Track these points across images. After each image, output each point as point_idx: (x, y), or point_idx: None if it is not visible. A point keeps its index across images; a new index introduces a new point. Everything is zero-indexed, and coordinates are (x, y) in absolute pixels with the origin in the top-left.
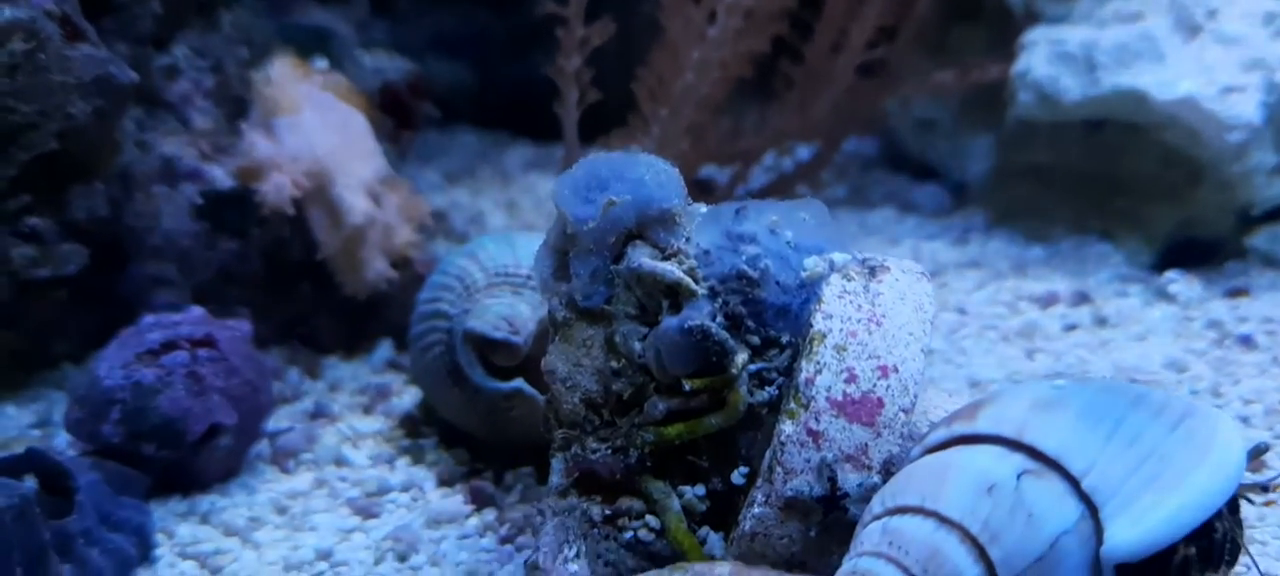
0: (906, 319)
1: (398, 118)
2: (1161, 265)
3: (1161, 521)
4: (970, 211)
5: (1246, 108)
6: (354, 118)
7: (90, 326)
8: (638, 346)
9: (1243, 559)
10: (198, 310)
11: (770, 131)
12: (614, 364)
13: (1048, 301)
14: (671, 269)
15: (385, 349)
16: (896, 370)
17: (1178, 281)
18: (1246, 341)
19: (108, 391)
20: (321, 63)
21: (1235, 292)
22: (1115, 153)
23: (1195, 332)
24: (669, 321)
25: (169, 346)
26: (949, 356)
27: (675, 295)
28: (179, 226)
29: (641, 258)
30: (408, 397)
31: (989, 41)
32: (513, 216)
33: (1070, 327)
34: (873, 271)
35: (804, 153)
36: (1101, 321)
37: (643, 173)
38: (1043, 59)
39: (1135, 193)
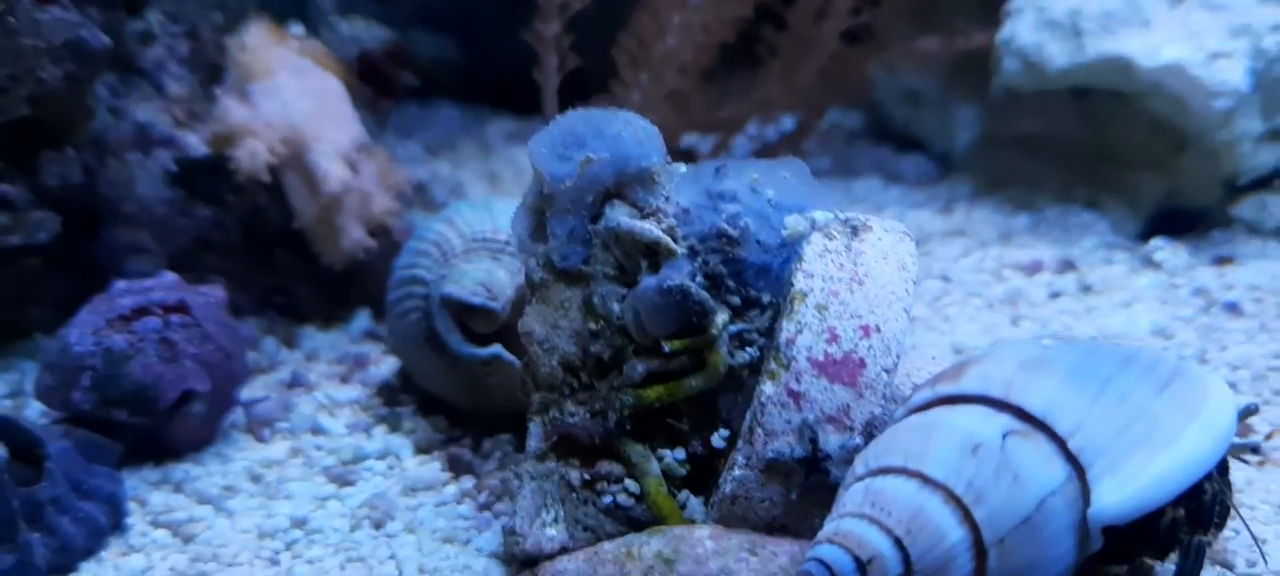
0: (889, 278)
1: (376, 86)
2: (1147, 234)
3: (1150, 483)
4: (956, 181)
5: (1233, 74)
6: (330, 84)
7: (63, 295)
8: (616, 307)
9: (1232, 521)
10: (170, 275)
11: (753, 99)
12: (592, 325)
13: (1032, 269)
14: (650, 228)
15: (363, 318)
16: (879, 330)
17: (1163, 249)
18: (1233, 308)
19: (78, 358)
20: (298, 28)
21: (1221, 260)
22: (1101, 122)
23: (1181, 299)
24: (648, 281)
25: (141, 312)
26: (933, 323)
27: (654, 255)
28: (153, 193)
29: (620, 217)
30: (386, 366)
31: (975, 7)
32: (494, 187)
33: (1055, 295)
34: (855, 230)
35: (787, 122)
36: (1086, 288)
37: (621, 130)
38: (1028, 26)
39: (1121, 162)
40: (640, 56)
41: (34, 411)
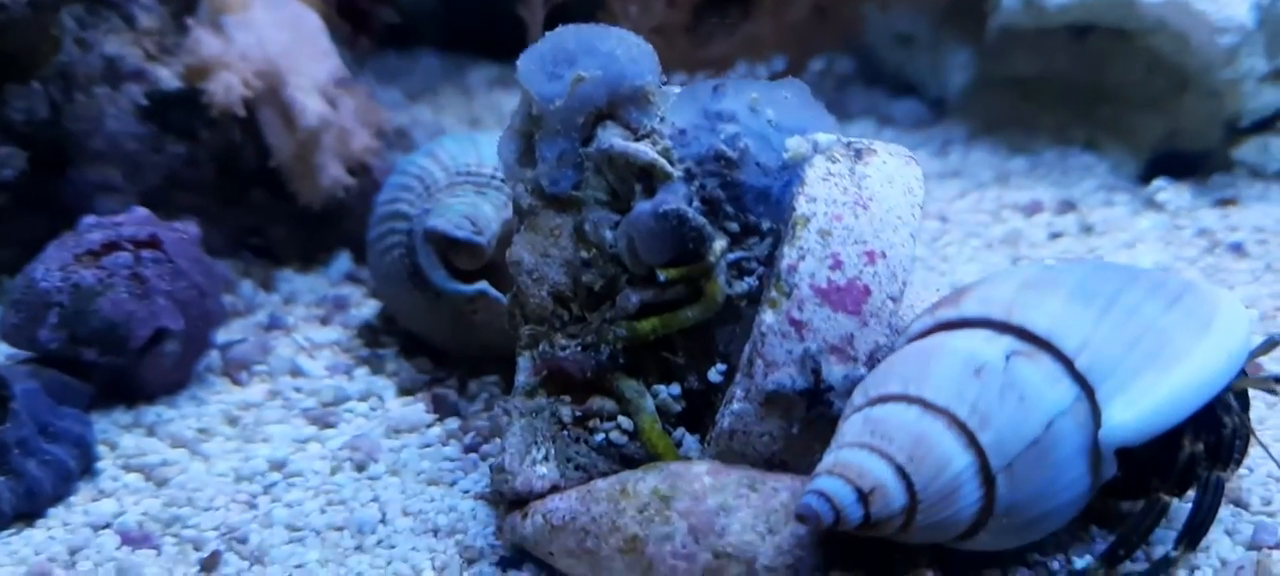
0: (895, 202)
1: (354, 22)
2: (1147, 176)
3: (1163, 400)
4: (950, 124)
5: (1238, 9)
6: (307, 16)
7: (31, 234)
8: (609, 235)
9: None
10: (142, 210)
11: (742, 37)
12: (584, 254)
13: (1032, 209)
14: (645, 150)
15: (343, 261)
16: (884, 255)
17: (1166, 189)
18: (1237, 249)
19: (44, 293)
20: None
21: (1224, 202)
22: (1100, 60)
23: (1185, 241)
24: (642, 206)
25: (110, 247)
26: (932, 264)
27: (649, 178)
28: (123, 129)
29: (613, 138)
30: (367, 308)
31: None
32: (477, 131)
33: (1056, 236)
34: (859, 154)
35: (777, 63)
36: (1088, 229)
37: (614, 47)
38: None
39: (1120, 102)
40: None
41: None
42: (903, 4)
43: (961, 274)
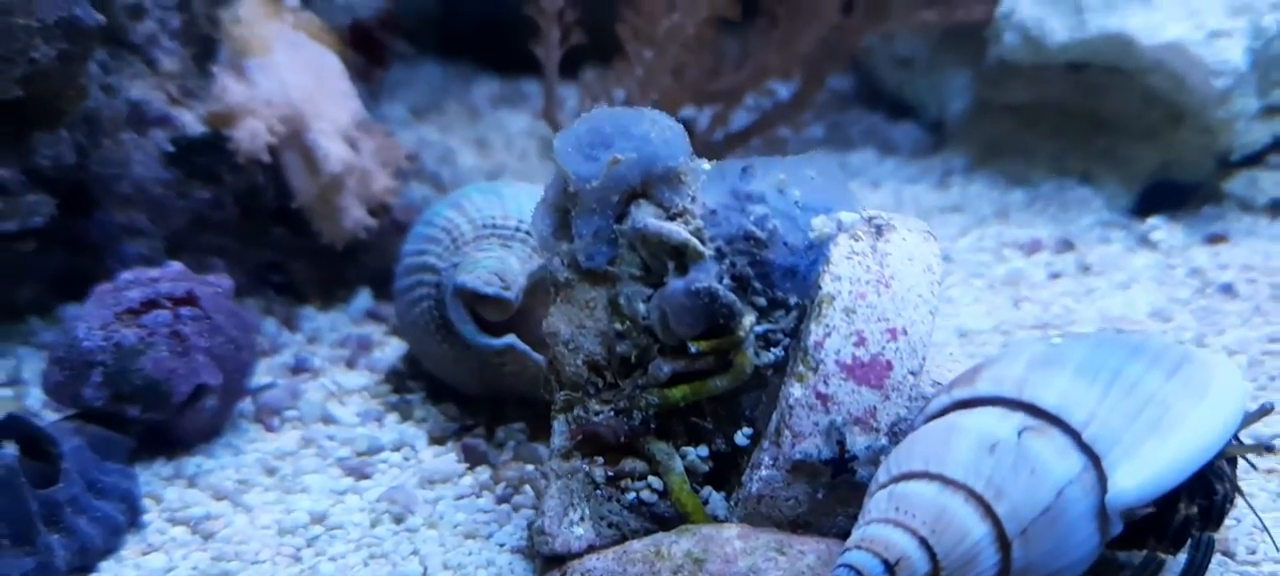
0: (915, 280)
1: (367, 55)
2: (1140, 207)
3: (1163, 465)
4: (949, 152)
5: (1233, 53)
6: (327, 59)
7: (57, 274)
8: (642, 308)
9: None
10: (176, 266)
11: (752, 69)
12: (618, 325)
13: (1032, 248)
14: (678, 230)
15: (363, 297)
16: (905, 332)
17: (1159, 228)
18: (1227, 290)
19: (88, 353)
20: (294, 3)
21: (1214, 238)
22: (1097, 92)
23: (1178, 281)
24: (676, 283)
25: (149, 305)
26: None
27: (681, 256)
28: (150, 174)
29: (647, 218)
30: (390, 350)
31: None
32: (483, 155)
33: (1055, 276)
34: (880, 230)
35: (784, 91)
36: (1085, 269)
37: (647, 129)
38: (1030, 2)
39: (1116, 131)
40: (643, 31)
41: (35, 400)
42: (907, 30)
43: (966, 316)
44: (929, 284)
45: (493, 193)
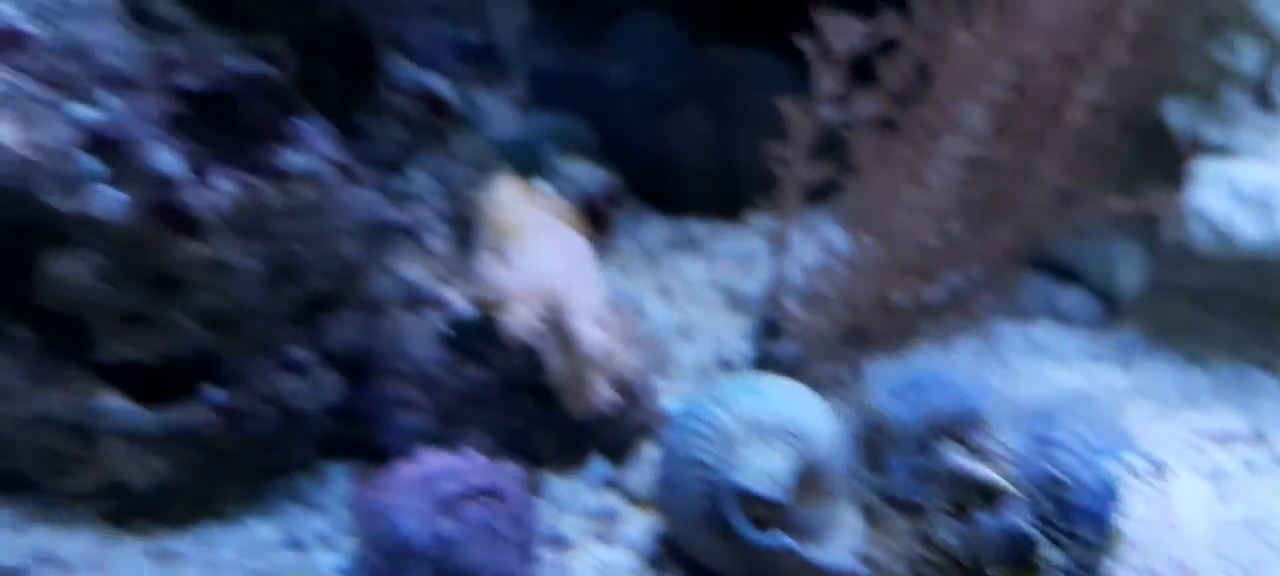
0: (1200, 522)
1: (594, 223)
2: None
3: None
4: (1124, 326)
5: None
6: (575, 242)
7: (325, 437)
8: (954, 541)
9: None
10: (479, 457)
11: (953, 252)
12: (927, 554)
13: (1224, 439)
14: (990, 472)
15: (599, 466)
16: (1194, 573)
17: None
18: None
19: (412, 545)
20: (548, 188)
21: None
22: (1276, 282)
23: None
24: (990, 522)
25: (463, 498)
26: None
27: (990, 495)
28: (427, 354)
29: (959, 458)
30: (634, 526)
31: (1141, 157)
32: (670, 305)
33: (1252, 469)
34: (1160, 469)
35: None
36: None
37: (957, 377)
38: (1220, 198)
39: None
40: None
41: (323, 563)
42: (1098, 218)
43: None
44: (1209, 524)
45: (753, 392)
